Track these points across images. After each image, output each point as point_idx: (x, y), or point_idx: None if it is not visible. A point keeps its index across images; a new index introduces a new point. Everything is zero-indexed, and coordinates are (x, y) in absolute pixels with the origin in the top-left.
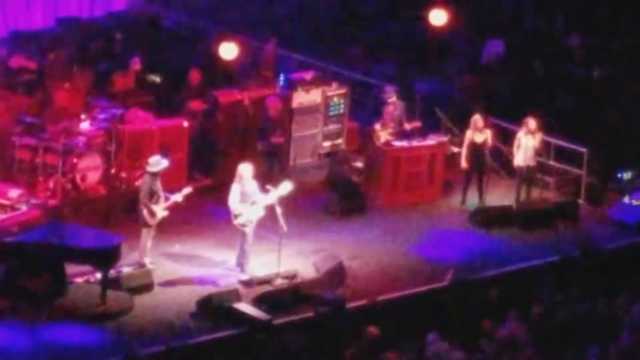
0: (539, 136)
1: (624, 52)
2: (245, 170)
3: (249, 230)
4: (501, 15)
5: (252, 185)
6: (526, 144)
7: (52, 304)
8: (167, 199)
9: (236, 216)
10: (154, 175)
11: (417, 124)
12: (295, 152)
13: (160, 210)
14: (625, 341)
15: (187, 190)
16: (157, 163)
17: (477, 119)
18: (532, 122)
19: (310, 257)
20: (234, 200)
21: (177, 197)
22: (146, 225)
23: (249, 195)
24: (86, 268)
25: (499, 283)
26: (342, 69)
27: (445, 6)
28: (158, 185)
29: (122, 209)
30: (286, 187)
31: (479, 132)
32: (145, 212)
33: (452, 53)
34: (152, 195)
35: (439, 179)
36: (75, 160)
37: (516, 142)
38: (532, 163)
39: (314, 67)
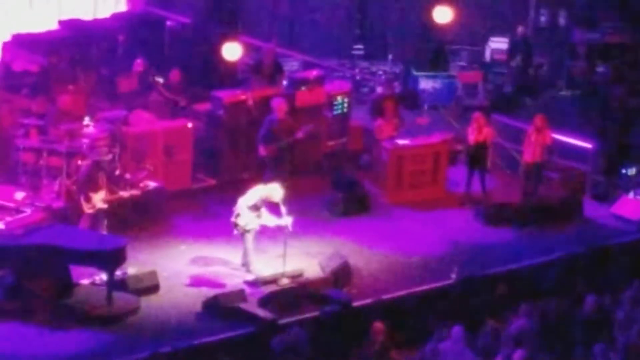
0: (547, 133)
1: (628, 47)
2: (276, 193)
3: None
4: (504, 12)
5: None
6: (534, 141)
7: (58, 306)
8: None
9: (237, 216)
10: (97, 163)
11: (425, 119)
12: (300, 151)
13: (99, 200)
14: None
15: None
16: (102, 153)
17: (479, 116)
18: (539, 120)
19: (316, 256)
20: (245, 203)
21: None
22: (81, 209)
23: (258, 209)
24: (92, 270)
25: (506, 279)
26: (346, 68)
27: (449, 3)
28: (101, 175)
29: (125, 211)
30: (287, 220)
31: (481, 129)
32: (82, 197)
33: (456, 50)
34: (91, 182)
35: (443, 177)
36: (79, 162)
37: (526, 140)
38: (539, 160)
39: (317, 66)
